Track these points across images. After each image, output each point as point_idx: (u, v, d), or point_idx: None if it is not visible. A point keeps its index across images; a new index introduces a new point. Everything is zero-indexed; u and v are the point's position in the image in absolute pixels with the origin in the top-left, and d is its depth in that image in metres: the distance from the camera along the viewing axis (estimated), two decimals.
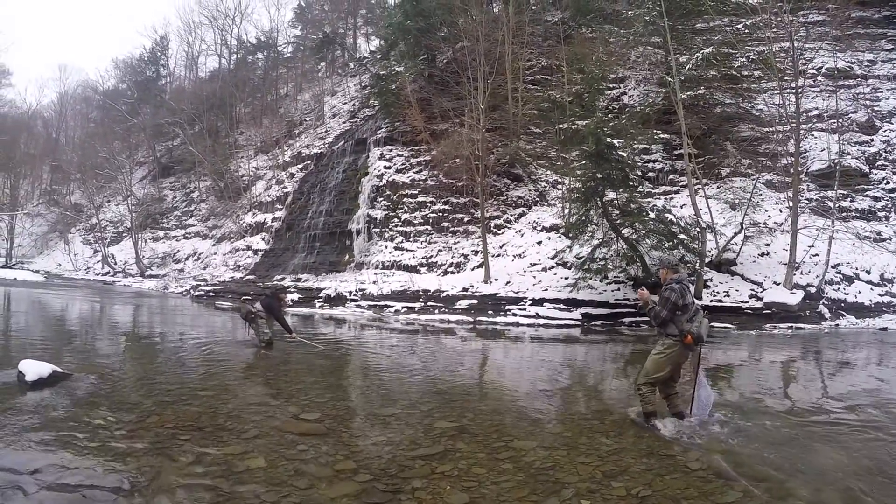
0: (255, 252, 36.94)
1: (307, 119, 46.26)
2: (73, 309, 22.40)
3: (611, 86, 30.28)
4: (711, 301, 19.17)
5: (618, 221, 20.02)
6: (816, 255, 20.60)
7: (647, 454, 5.72)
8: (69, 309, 22.33)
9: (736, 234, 20.76)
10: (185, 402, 7.36)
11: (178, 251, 45.25)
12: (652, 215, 19.50)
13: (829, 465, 5.58)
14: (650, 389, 6.52)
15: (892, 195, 23.53)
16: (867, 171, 24.36)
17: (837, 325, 18.68)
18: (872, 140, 25.55)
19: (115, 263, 48.29)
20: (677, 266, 7.04)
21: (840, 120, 24.78)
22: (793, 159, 21.56)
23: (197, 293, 32.66)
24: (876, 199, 23.49)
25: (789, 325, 18.25)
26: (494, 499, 4.63)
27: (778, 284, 19.70)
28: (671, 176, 26.32)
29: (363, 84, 43.07)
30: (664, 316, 6.42)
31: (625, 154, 19.35)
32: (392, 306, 23.95)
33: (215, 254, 40.98)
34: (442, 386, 9.09)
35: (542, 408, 7.91)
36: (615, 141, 19.20)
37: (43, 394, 7.49)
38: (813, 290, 19.61)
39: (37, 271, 49.49)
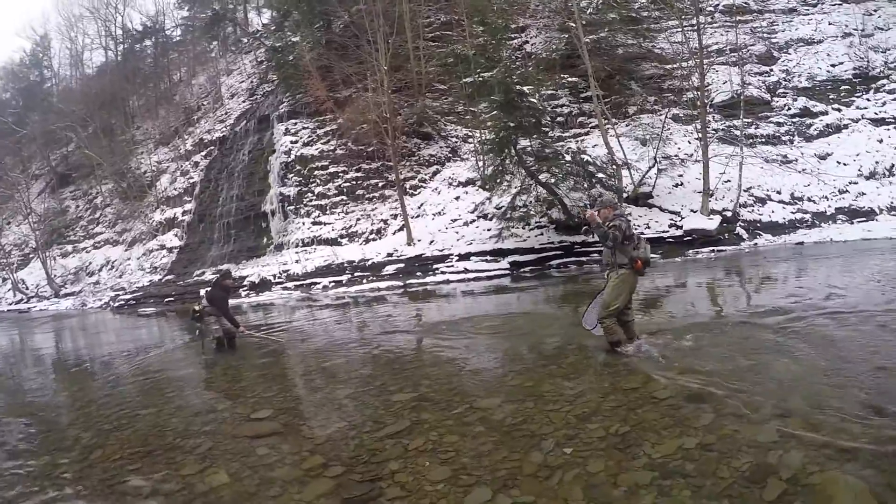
0: (170, 250, 34.88)
1: (205, 103, 44.00)
2: None
3: (512, 35, 29.88)
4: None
5: (534, 168, 19.77)
6: (728, 181, 21.07)
7: (612, 390, 5.60)
8: None
9: (650, 168, 20.89)
10: (128, 426, 6.57)
11: (90, 263, 42.30)
12: (567, 158, 19.35)
13: (783, 373, 5.57)
14: (612, 320, 6.73)
15: (793, 120, 24.32)
16: (769, 99, 25.17)
17: (756, 244, 19.13)
18: (772, 70, 26.56)
19: (27, 288, 44.66)
20: (616, 203, 6.88)
21: (740, 53, 25.30)
22: (698, 93, 21.83)
23: (117, 304, 30.53)
24: (779, 124, 24.32)
25: (711, 248, 18.61)
26: (477, 465, 4.33)
27: (695, 212, 20.03)
28: (580, 119, 26.34)
29: (259, 59, 41.20)
30: (618, 241, 6.57)
31: (535, 100, 19.06)
32: (319, 283, 23.13)
33: (129, 259, 38.55)
34: (388, 357, 8.59)
35: (496, 362, 7.58)
36: (525, 88, 18.86)
37: None
38: (729, 213, 20.08)
39: None
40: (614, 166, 20.19)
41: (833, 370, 5.53)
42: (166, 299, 27.60)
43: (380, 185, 27.40)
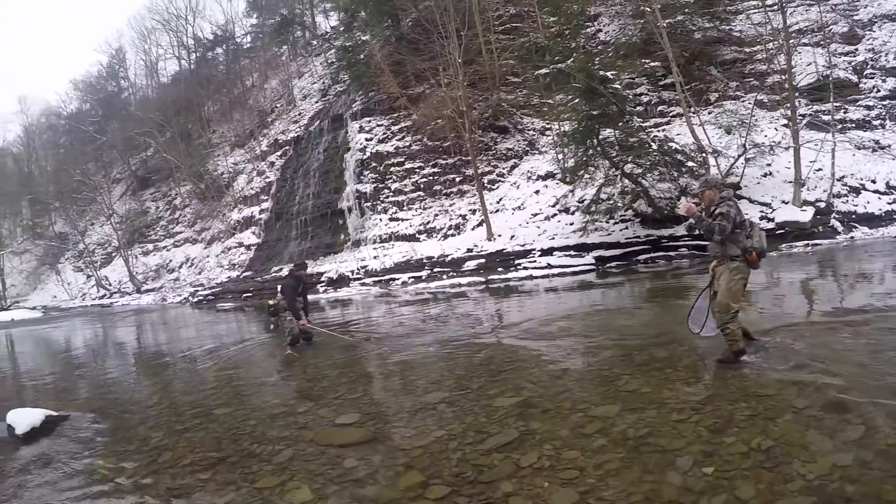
0: (248, 248, 36.10)
1: (278, 105, 45.09)
2: (73, 340, 20.49)
3: (585, 24, 29.44)
4: None
5: (617, 158, 19.40)
6: (819, 169, 20.09)
7: (742, 397, 4.99)
8: (68, 341, 20.37)
9: (740, 156, 20.17)
10: (201, 427, 6.28)
11: (171, 261, 44.28)
12: (654, 147, 18.91)
13: None
14: (736, 325, 5.86)
15: (884, 103, 23.00)
16: (856, 81, 23.91)
17: (852, 237, 18.11)
18: (857, 50, 25.16)
19: (110, 285, 47.20)
20: (721, 184, 6.34)
21: (825, 32, 24.27)
22: (781, 77, 21.19)
23: (196, 299, 31.81)
24: (869, 108, 23.03)
25: (805, 242, 17.71)
26: (606, 488, 3.78)
27: (786, 203, 19.20)
28: (660, 107, 25.71)
29: (329, 61, 41.97)
30: (728, 231, 5.76)
31: (619, 86, 18.72)
32: (398, 278, 23.27)
33: (208, 257, 40.11)
34: (480, 356, 7.99)
35: (602, 364, 6.85)
36: (608, 73, 18.51)
37: (39, 446, 6.35)
38: (822, 205, 19.07)
39: (33, 308, 47.61)
40: (703, 155, 19.67)
41: None
42: (244, 295, 28.49)
43: (457, 180, 27.45)
